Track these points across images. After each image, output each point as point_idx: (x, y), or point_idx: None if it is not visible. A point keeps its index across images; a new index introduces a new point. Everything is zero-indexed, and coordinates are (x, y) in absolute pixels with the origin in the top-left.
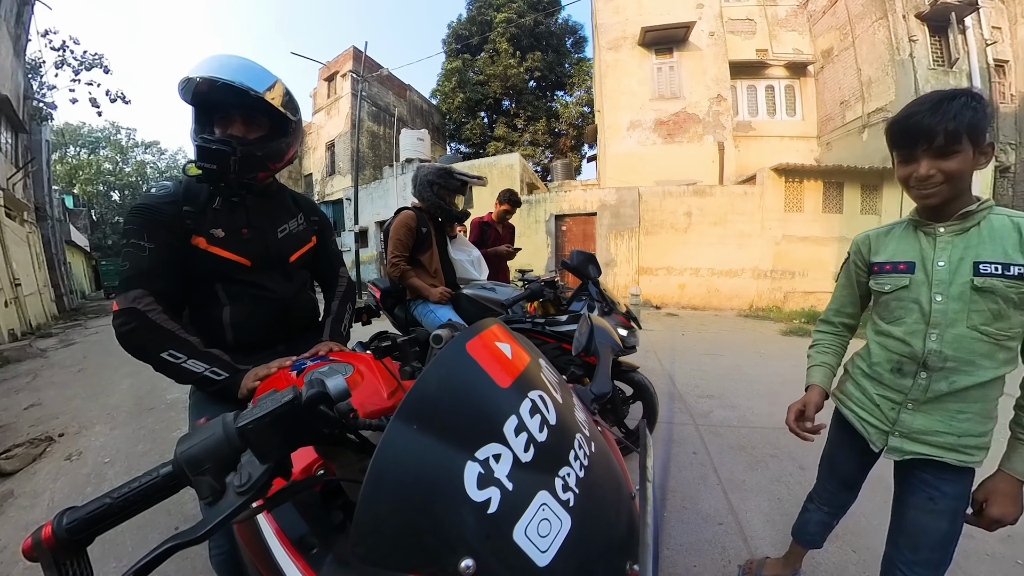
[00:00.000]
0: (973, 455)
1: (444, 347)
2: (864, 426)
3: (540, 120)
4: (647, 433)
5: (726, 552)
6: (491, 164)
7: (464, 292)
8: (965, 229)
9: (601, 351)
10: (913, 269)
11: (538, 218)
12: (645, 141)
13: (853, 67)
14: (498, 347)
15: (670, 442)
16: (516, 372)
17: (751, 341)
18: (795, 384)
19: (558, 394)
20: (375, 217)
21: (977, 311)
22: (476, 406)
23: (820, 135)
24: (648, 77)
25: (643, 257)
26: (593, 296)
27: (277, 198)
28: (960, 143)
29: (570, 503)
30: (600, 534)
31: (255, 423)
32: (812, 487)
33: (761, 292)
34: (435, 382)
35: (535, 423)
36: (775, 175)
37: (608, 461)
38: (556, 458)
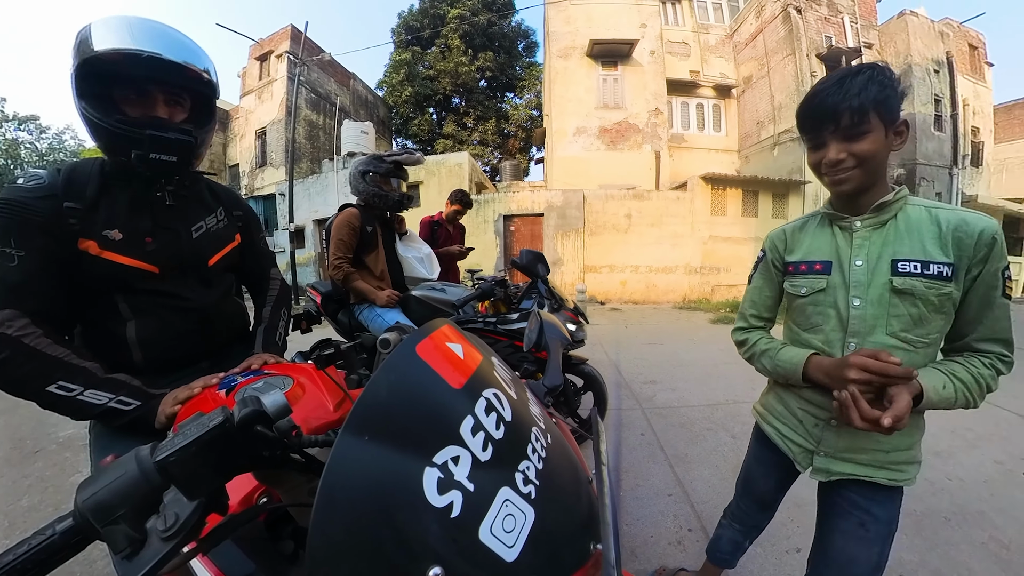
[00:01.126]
0: (905, 471)
1: (393, 351)
2: (787, 444)
3: (490, 120)
4: (598, 420)
5: (678, 519)
6: (440, 162)
7: (413, 294)
8: (882, 223)
9: (551, 346)
10: (830, 269)
11: (487, 218)
12: (590, 147)
13: (767, 93)
14: (449, 348)
15: (620, 426)
16: (469, 372)
17: (685, 330)
18: (724, 365)
19: (512, 391)
20: (313, 215)
21: (897, 316)
22: (430, 410)
23: (740, 149)
24: (594, 87)
25: (588, 256)
26: (543, 294)
27: (191, 190)
28: (868, 122)
29: (532, 495)
30: (563, 520)
31: (178, 454)
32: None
33: (692, 286)
34: (385, 388)
35: (491, 421)
36: (703, 183)
37: (564, 450)
38: (514, 453)
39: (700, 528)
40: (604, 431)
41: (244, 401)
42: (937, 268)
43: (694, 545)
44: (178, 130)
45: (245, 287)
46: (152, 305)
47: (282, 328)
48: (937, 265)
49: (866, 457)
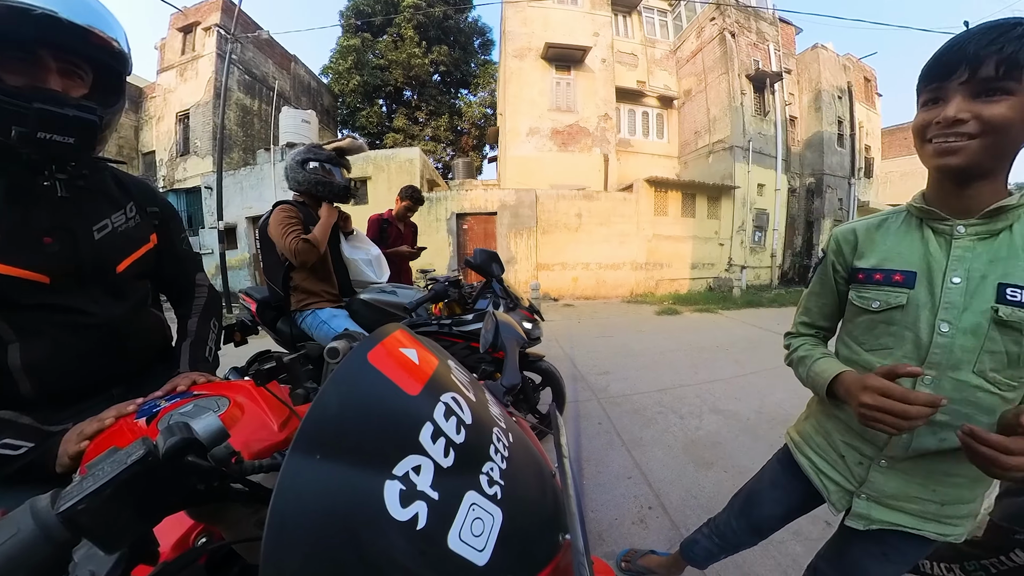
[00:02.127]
0: (957, 526)
1: (342, 361)
2: (823, 480)
3: (443, 116)
4: (557, 415)
5: (638, 499)
6: (390, 157)
7: (361, 297)
8: (994, 232)
9: (508, 345)
10: (913, 282)
11: (439, 216)
12: (542, 147)
13: (704, 106)
14: (403, 354)
15: (578, 418)
16: (425, 377)
17: (633, 322)
18: (669, 353)
19: (471, 393)
20: (246, 211)
21: (992, 352)
22: (387, 420)
23: (680, 156)
24: (548, 89)
25: (541, 254)
26: (497, 293)
27: (91, 182)
28: (1015, 80)
29: (497, 496)
30: (531, 516)
31: (89, 500)
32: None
33: (639, 281)
34: (336, 401)
35: (451, 426)
36: (647, 185)
37: (527, 448)
38: (477, 456)
39: (659, 505)
40: (563, 424)
41: (170, 429)
42: None
43: (655, 522)
44: (78, 106)
45: (165, 296)
46: (42, 323)
47: (212, 342)
48: None
49: (915, 507)
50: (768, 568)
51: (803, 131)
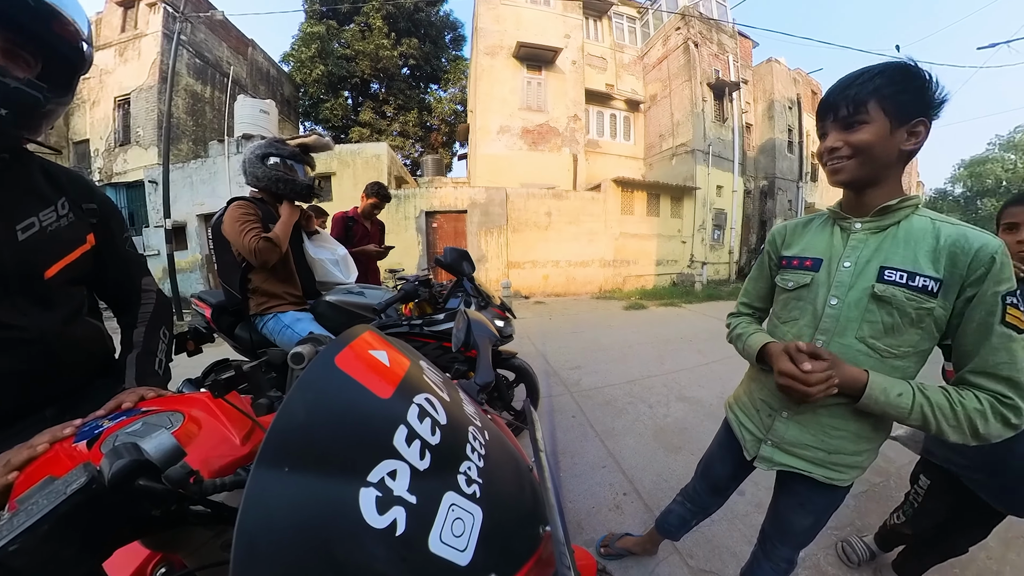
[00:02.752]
0: (843, 473)
1: (308, 366)
2: (742, 431)
3: (412, 111)
4: (532, 410)
5: (613, 487)
6: (355, 152)
7: (327, 299)
8: (882, 228)
9: (480, 344)
10: (819, 267)
11: (408, 214)
12: (513, 146)
13: (669, 111)
14: (373, 356)
15: (552, 412)
16: (397, 379)
17: (603, 317)
18: (637, 346)
19: (444, 393)
20: (197, 208)
21: (870, 322)
22: (358, 425)
23: (646, 157)
24: (519, 88)
25: (512, 252)
26: (468, 292)
27: (16, 173)
28: (864, 113)
29: (476, 494)
30: (511, 512)
31: (23, 539)
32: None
33: (607, 278)
34: (303, 409)
35: (426, 428)
36: (614, 185)
37: (503, 444)
38: (454, 456)
39: (633, 491)
40: (538, 419)
41: (117, 451)
42: (923, 281)
43: (630, 506)
44: (24, 80)
45: (106, 303)
46: None
47: (162, 353)
48: (923, 278)
49: (808, 454)
50: (735, 539)
51: (757, 137)
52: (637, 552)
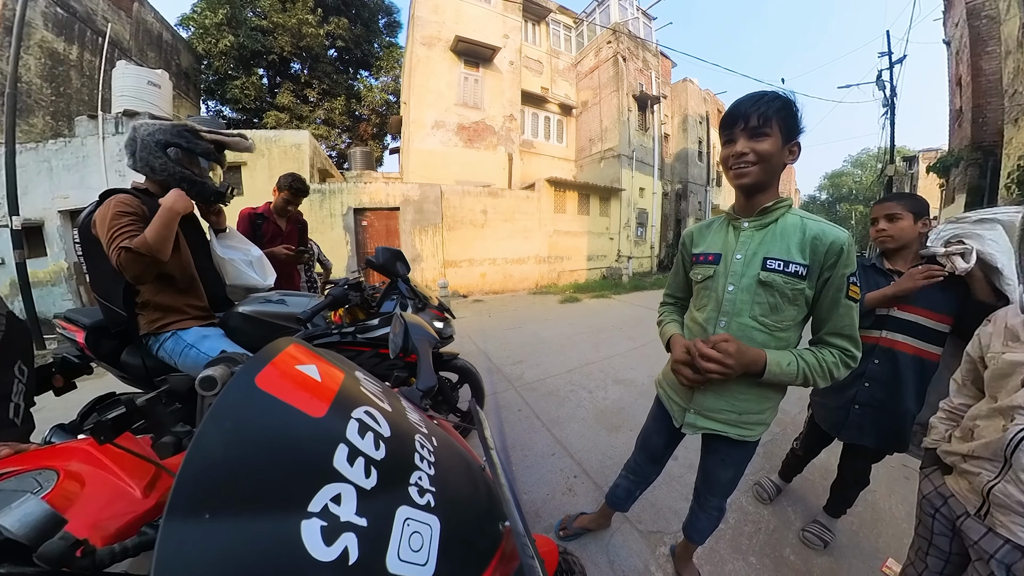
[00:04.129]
0: (752, 430)
1: (222, 391)
2: (670, 403)
3: (338, 98)
4: (478, 410)
5: (564, 472)
6: (272, 140)
7: (240, 311)
8: (764, 225)
9: (420, 347)
10: (719, 261)
11: (334, 211)
12: (448, 142)
13: (598, 118)
14: (301, 372)
15: (499, 409)
16: (331, 395)
17: (540, 312)
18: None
19: (385, 403)
20: (60, 202)
21: (759, 303)
22: (290, 451)
23: (577, 159)
24: (456, 83)
25: (448, 251)
26: (404, 294)
27: None
28: (770, 127)
29: (431, 504)
30: (468, 515)
31: None
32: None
33: (542, 274)
34: (220, 442)
35: (368, 443)
36: (548, 185)
37: (453, 449)
38: (402, 468)
39: (583, 473)
40: (485, 418)
41: None
42: (795, 267)
43: (582, 487)
44: None
45: None
46: None
47: (18, 395)
48: (795, 265)
49: (723, 416)
50: (675, 499)
51: (674, 146)
52: (593, 528)
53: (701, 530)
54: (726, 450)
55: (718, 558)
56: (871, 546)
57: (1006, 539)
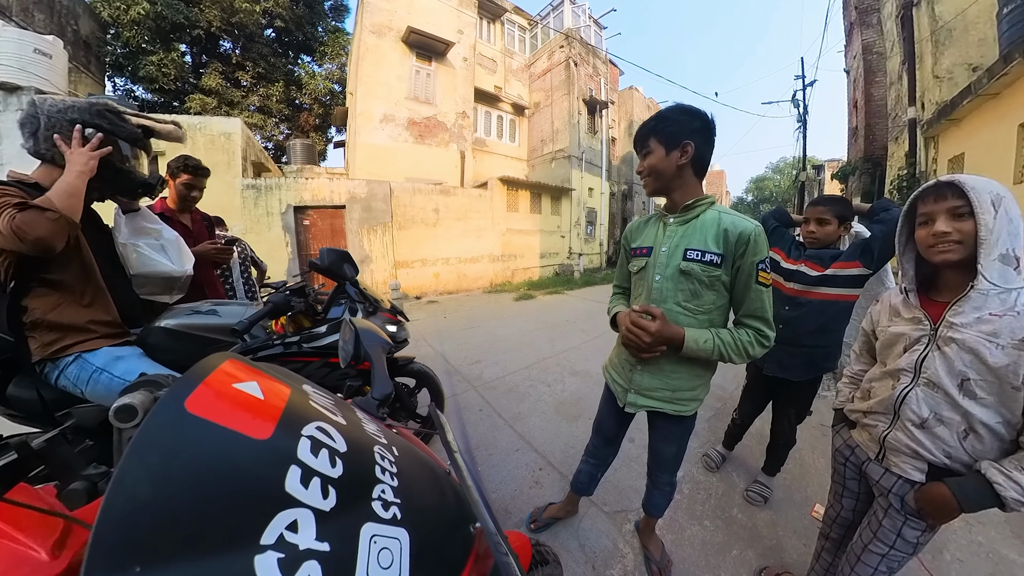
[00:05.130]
0: (686, 405)
1: (145, 421)
2: (615, 385)
3: (276, 84)
4: (438, 414)
5: (530, 466)
6: (197, 127)
7: (161, 325)
8: (686, 221)
9: (372, 354)
10: (650, 253)
11: (271, 209)
12: (398, 137)
13: (550, 119)
14: (240, 390)
15: (460, 410)
16: (276, 413)
17: (496, 310)
18: (531, 333)
19: (339, 416)
20: None
21: (681, 290)
22: (234, 480)
23: (529, 159)
24: (407, 75)
25: (398, 251)
26: (353, 297)
27: None
28: (648, 145)
29: (397, 516)
30: (437, 522)
31: None
32: (587, 440)
33: (496, 272)
34: (147, 480)
35: (323, 461)
36: (500, 184)
37: (415, 456)
38: (363, 483)
39: (548, 465)
40: (446, 421)
41: None
42: (710, 257)
43: (548, 478)
44: None
45: None
46: None
47: None
48: (711, 254)
49: (659, 395)
50: (634, 478)
51: (620, 149)
52: (562, 516)
53: (658, 505)
54: (667, 426)
55: (677, 526)
56: (801, 496)
57: (898, 476)
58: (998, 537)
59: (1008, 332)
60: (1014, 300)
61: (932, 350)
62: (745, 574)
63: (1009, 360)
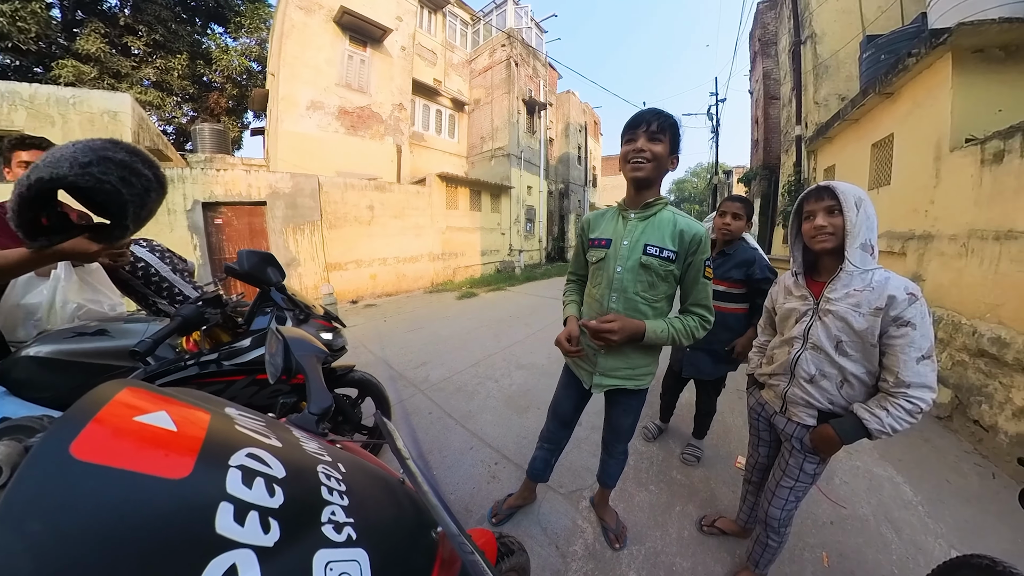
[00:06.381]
0: (643, 380)
1: (14, 480)
2: (579, 371)
3: (179, 56)
4: (385, 422)
5: (485, 463)
6: (69, 103)
7: (29, 353)
8: (646, 217)
9: (306, 365)
10: (609, 245)
11: (173, 206)
12: (327, 127)
13: (490, 117)
14: (145, 423)
15: (408, 416)
16: (195, 444)
17: (438, 310)
18: (475, 331)
19: (273, 439)
20: None
21: (640, 281)
22: (148, 532)
23: (468, 156)
24: (338, 60)
25: (330, 252)
26: (280, 304)
27: None
28: (664, 134)
29: (352, 536)
30: (397, 535)
31: None
32: (542, 427)
33: (437, 271)
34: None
35: (260, 492)
36: (439, 180)
37: (365, 470)
38: (309, 509)
39: (503, 459)
40: (394, 429)
41: None
42: (667, 253)
43: (504, 472)
44: None
45: None
46: None
47: None
48: (667, 251)
49: (622, 373)
50: (584, 454)
51: (557, 150)
52: (522, 504)
53: (612, 474)
54: (627, 400)
55: (627, 494)
56: (727, 451)
57: (797, 423)
58: (870, 460)
59: (867, 303)
60: (870, 279)
61: (816, 320)
62: (689, 525)
63: (868, 324)
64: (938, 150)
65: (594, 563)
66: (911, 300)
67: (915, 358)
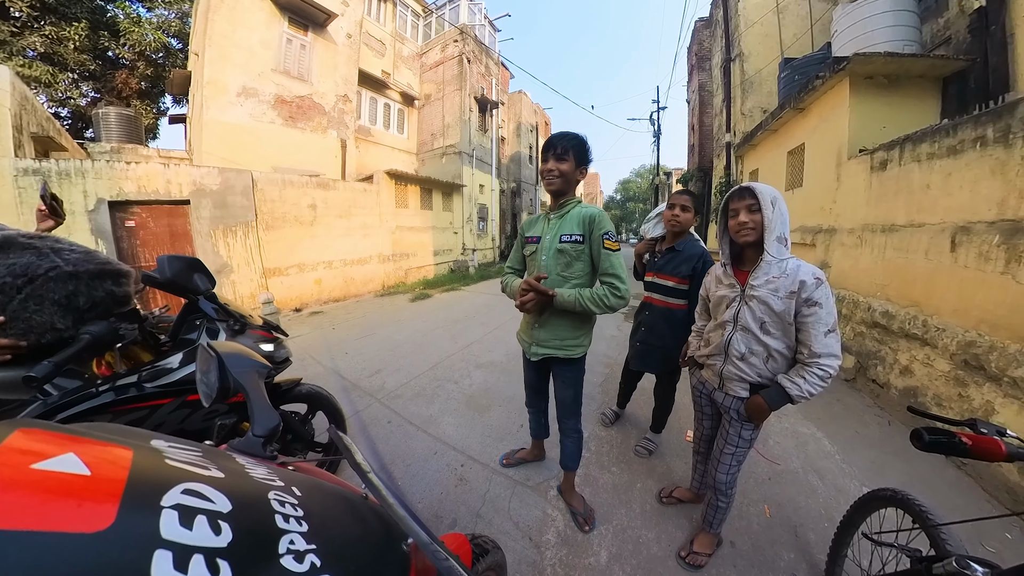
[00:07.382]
0: (573, 350)
1: None
2: (523, 342)
3: (77, 24)
4: (341, 436)
5: (451, 466)
6: None
7: None
8: (562, 215)
9: (246, 383)
10: (539, 241)
11: (72, 206)
12: (262, 116)
13: (441, 113)
14: (46, 471)
15: (366, 427)
16: (117, 488)
17: (391, 313)
18: (431, 333)
19: (213, 469)
20: None
21: (559, 263)
22: None
23: (418, 153)
24: (275, 42)
25: (268, 256)
26: (211, 316)
27: None
28: (568, 154)
29: (316, 564)
30: (364, 554)
31: None
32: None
33: (388, 273)
34: None
35: (202, 531)
36: (388, 178)
37: (323, 490)
38: (264, 542)
39: (469, 459)
40: (352, 443)
41: None
42: (575, 237)
43: (472, 472)
44: None
45: None
46: None
47: None
48: (576, 235)
49: (552, 344)
50: (549, 445)
51: (509, 149)
52: (531, 459)
53: (571, 454)
54: (564, 372)
55: (591, 478)
56: (678, 426)
57: (733, 396)
58: (795, 421)
59: (783, 288)
60: (785, 267)
61: (743, 305)
62: (650, 499)
63: (784, 306)
64: (839, 158)
65: (567, 548)
66: (818, 284)
67: (823, 332)
